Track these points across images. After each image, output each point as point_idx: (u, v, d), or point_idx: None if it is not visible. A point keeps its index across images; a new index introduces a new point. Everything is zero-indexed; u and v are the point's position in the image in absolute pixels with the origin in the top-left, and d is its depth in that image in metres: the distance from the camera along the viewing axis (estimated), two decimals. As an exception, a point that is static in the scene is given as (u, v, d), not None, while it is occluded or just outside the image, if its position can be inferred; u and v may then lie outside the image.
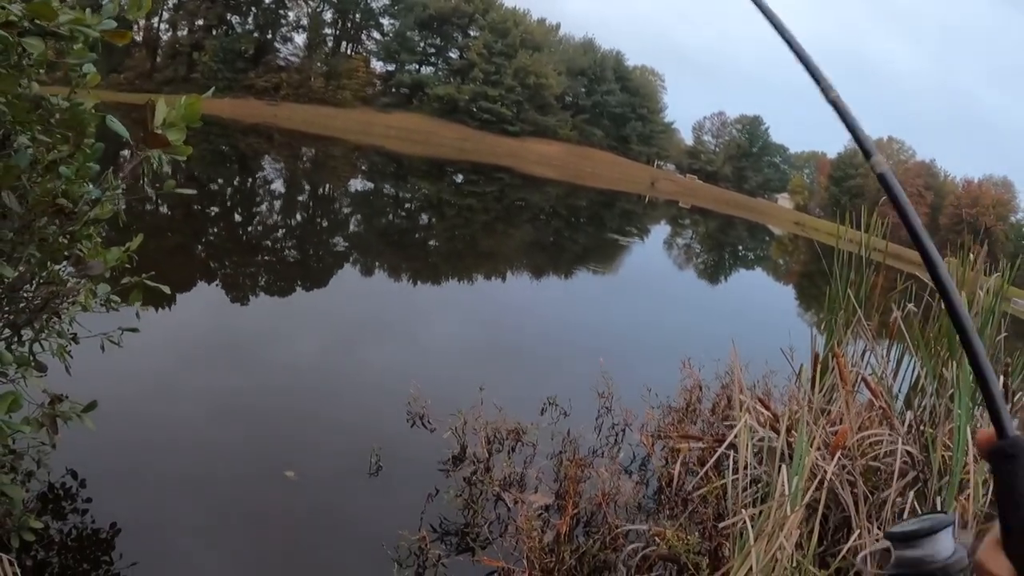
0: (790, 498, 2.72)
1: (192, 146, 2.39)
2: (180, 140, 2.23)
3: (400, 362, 7.00)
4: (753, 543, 2.63)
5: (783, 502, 2.73)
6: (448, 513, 4.13)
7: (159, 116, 2.19)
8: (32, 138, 2.20)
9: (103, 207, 2.61)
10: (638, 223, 32.31)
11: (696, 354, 6.57)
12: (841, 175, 75.33)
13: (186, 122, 2.27)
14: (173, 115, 2.25)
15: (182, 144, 2.23)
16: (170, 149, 2.21)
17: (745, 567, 2.58)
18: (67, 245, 2.53)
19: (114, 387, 4.86)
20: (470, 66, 64.23)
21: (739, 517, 2.92)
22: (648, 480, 4.95)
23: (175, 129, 2.19)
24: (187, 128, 2.38)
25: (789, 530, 2.57)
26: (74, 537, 3.35)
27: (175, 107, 2.30)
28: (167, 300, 7.38)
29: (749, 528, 2.75)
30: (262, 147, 32.33)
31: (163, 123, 2.22)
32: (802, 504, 2.68)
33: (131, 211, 8.76)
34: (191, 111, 2.26)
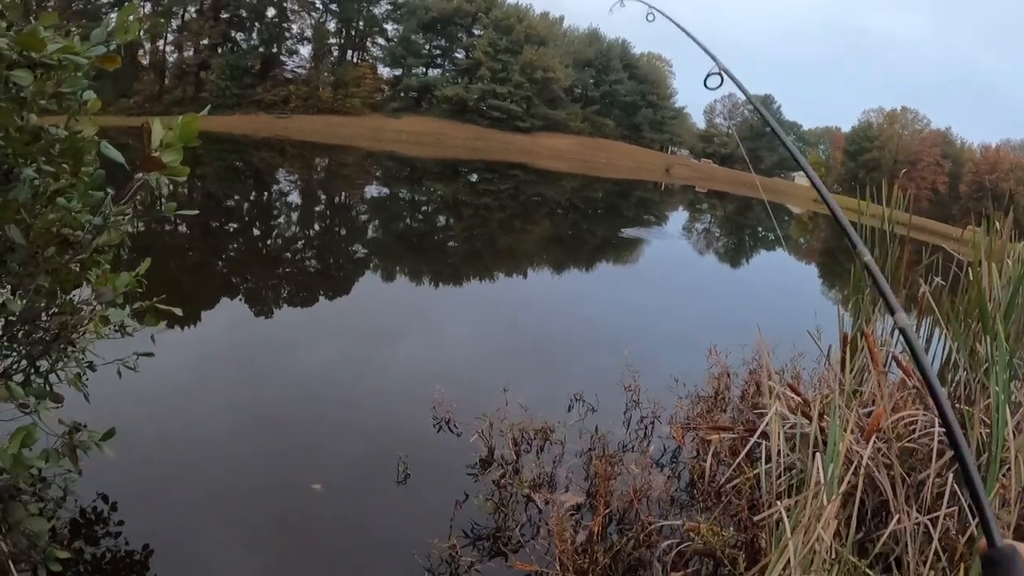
0: (826, 487, 2.64)
1: (206, 164, 2.38)
2: (177, 161, 2.20)
3: (424, 366, 6.98)
4: (790, 535, 2.55)
5: (819, 491, 2.65)
6: (478, 518, 4.10)
7: (155, 138, 2.17)
8: (38, 169, 2.19)
9: (110, 234, 2.60)
10: (656, 211, 32.08)
11: (722, 340, 6.48)
12: (856, 149, 74.30)
13: (183, 142, 2.24)
14: (170, 136, 2.22)
15: (179, 165, 2.20)
16: (167, 171, 2.19)
17: (783, 560, 2.51)
18: (77, 274, 2.52)
19: (141, 407, 4.91)
20: (477, 65, 64.17)
21: (774, 509, 2.85)
22: (680, 473, 4.88)
23: (171, 150, 2.17)
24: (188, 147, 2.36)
25: (827, 520, 2.49)
26: (108, 560, 3.36)
27: (172, 128, 2.27)
28: (191, 318, 7.50)
29: (785, 520, 2.68)
30: (275, 160, 32.53)
31: (160, 145, 2.19)
32: (839, 492, 2.60)
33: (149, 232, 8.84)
34: (187, 131, 2.23)
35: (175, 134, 2.27)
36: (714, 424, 5.02)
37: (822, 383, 4.29)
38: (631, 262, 16.89)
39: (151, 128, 2.21)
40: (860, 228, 4.41)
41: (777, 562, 2.57)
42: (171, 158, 2.18)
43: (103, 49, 1.83)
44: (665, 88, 78.98)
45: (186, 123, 2.28)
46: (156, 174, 2.25)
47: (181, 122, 2.29)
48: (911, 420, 3.17)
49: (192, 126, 2.29)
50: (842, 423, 2.99)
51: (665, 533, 3.78)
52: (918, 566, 2.53)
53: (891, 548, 2.71)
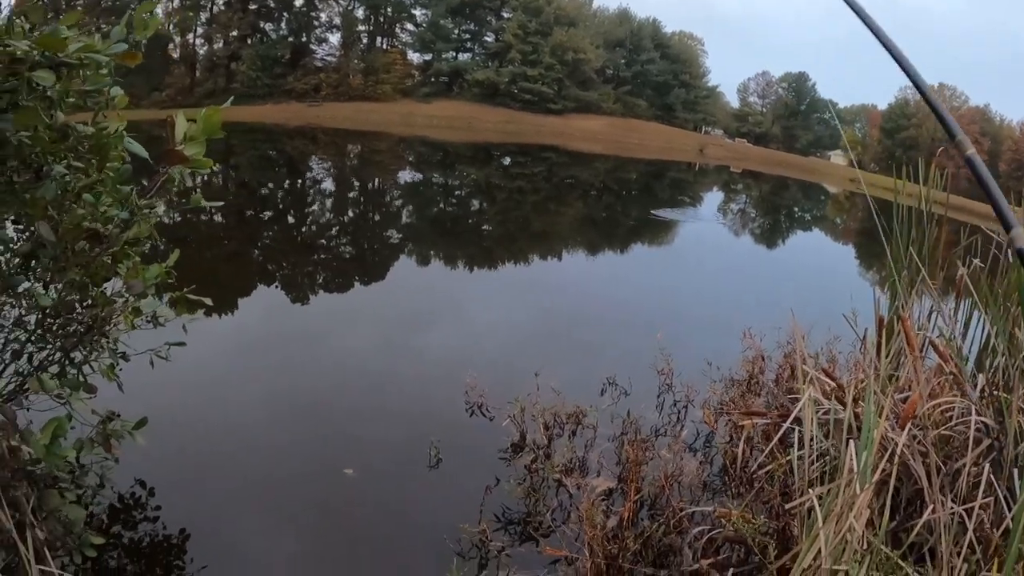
0: (859, 475, 2.59)
1: (239, 154, 2.40)
2: (200, 153, 2.22)
3: (457, 350, 7.02)
4: (822, 524, 2.51)
5: (852, 479, 2.60)
6: (509, 502, 4.10)
7: (179, 132, 2.19)
8: (67, 166, 2.23)
9: (139, 227, 2.65)
10: (689, 192, 31.71)
11: (757, 323, 6.38)
12: (893, 127, 72.27)
13: (206, 135, 2.26)
14: (193, 129, 2.24)
15: (202, 158, 2.22)
16: (190, 164, 2.21)
17: (814, 550, 2.47)
18: (108, 267, 2.57)
19: (179, 396, 5.02)
20: (507, 48, 63.85)
21: (806, 497, 2.80)
22: (712, 458, 4.83)
23: (194, 143, 2.19)
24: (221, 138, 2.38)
25: (859, 509, 2.44)
26: (146, 545, 3.45)
27: (195, 122, 2.29)
28: (227, 306, 7.64)
29: (817, 508, 2.63)
30: (308, 148, 32.82)
31: (184, 138, 2.22)
32: (872, 481, 2.54)
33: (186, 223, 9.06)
34: (210, 124, 2.25)
35: (198, 127, 2.29)
36: (747, 409, 4.96)
37: (857, 368, 4.20)
38: (665, 244, 16.74)
39: (174, 122, 2.23)
40: (896, 208, 4.31)
41: (808, 551, 2.53)
42: (194, 151, 2.20)
43: (124, 46, 1.85)
44: (697, 67, 77.75)
45: (208, 116, 2.30)
46: (179, 167, 2.27)
47: (204, 115, 2.31)
48: (948, 407, 3.09)
49: (215, 119, 2.31)
50: (877, 409, 2.93)
51: (696, 519, 3.74)
52: (951, 558, 2.47)
53: (924, 538, 2.65)
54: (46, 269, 2.27)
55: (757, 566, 3.21)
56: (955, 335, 3.83)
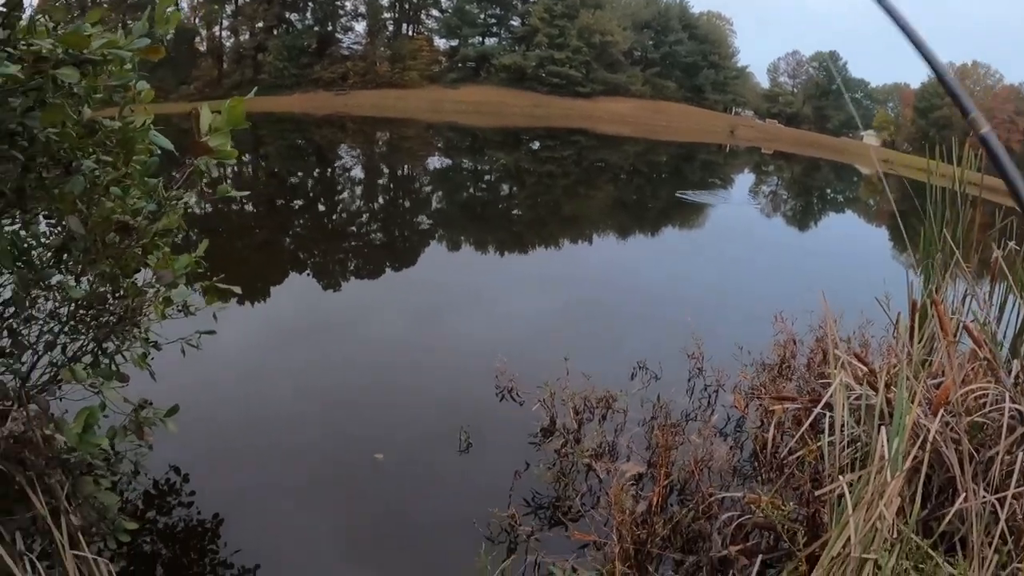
0: (890, 462, 2.55)
1: (268, 144, 2.43)
2: (226, 145, 2.25)
3: (488, 335, 7.04)
4: (852, 512, 2.48)
5: (883, 466, 2.56)
6: (539, 487, 4.12)
7: (204, 123, 2.22)
8: (97, 160, 2.27)
9: (168, 218, 2.69)
10: (720, 174, 31.30)
11: (788, 306, 6.31)
12: (926, 106, 70.19)
13: (231, 126, 2.28)
14: (218, 121, 2.27)
15: (227, 148, 2.25)
16: (215, 155, 2.24)
17: (843, 537, 2.44)
18: (138, 258, 2.62)
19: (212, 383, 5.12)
20: (533, 32, 63.37)
21: (836, 484, 2.77)
22: (743, 443, 4.80)
23: (219, 134, 2.22)
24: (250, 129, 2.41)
25: (890, 497, 2.40)
26: (181, 529, 3.53)
27: (219, 113, 2.32)
28: (259, 293, 7.75)
29: (847, 495, 2.60)
30: (336, 137, 33.00)
31: (209, 130, 2.24)
32: (903, 469, 2.51)
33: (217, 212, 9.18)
34: (234, 115, 2.27)
35: (223, 118, 2.32)
36: (778, 394, 4.91)
37: (890, 352, 4.13)
38: (696, 227, 16.57)
39: (199, 114, 2.26)
40: (929, 189, 4.20)
41: (838, 539, 2.50)
42: (218, 142, 2.23)
43: (147, 41, 1.87)
44: (726, 47, 76.37)
45: (232, 107, 2.32)
46: (205, 158, 2.30)
47: (228, 106, 2.33)
48: (982, 393, 3.02)
49: (238, 109, 2.33)
50: (909, 395, 2.88)
51: (726, 505, 3.73)
52: (982, 548, 2.42)
53: (956, 528, 2.61)
54: (77, 262, 2.32)
55: (786, 553, 3.19)
56: (990, 319, 3.74)
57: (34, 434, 1.89)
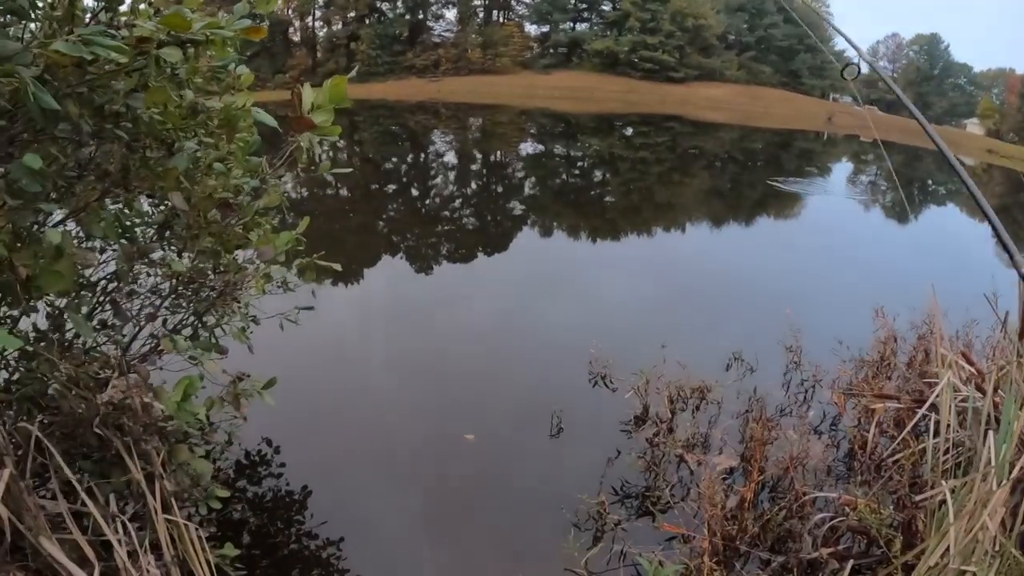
0: (996, 469, 2.37)
1: (363, 130, 2.47)
2: (329, 121, 2.30)
3: (582, 321, 7.03)
4: (952, 521, 2.33)
5: (988, 473, 2.39)
6: (629, 475, 4.11)
7: (306, 101, 2.27)
8: (199, 142, 2.36)
9: (269, 196, 2.78)
10: (818, 162, 30.01)
11: (889, 301, 6.02)
12: None
13: (333, 103, 2.33)
14: (320, 98, 2.31)
15: (331, 125, 2.30)
16: (319, 130, 2.29)
17: (941, 547, 2.29)
18: (240, 235, 2.71)
19: (307, 359, 5.30)
20: (625, 16, 62.26)
21: (938, 490, 2.61)
22: (839, 442, 4.63)
23: (322, 111, 2.26)
24: (346, 112, 2.45)
25: (994, 507, 2.24)
26: (269, 499, 3.67)
27: (321, 91, 2.36)
28: (354, 274, 7.97)
29: (949, 502, 2.45)
30: (430, 123, 33.46)
31: (311, 107, 2.29)
32: (1010, 478, 2.33)
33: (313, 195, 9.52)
34: (336, 92, 2.32)
35: (324, 96, 2.36)
36: (879, 392, 4.70)
37: (998, 353, 3.86)
38: (793, 216, 15.96)
39: (301, 92, 2.31)
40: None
41: (935, 548, 2.36)
42: (322, 118, 2.27)
43: (247, 22, 1.92)
44: (824, 31, 72.80)
45: (335, 85, 2.36)
46: (309, 134, 2.35)
47: (330, 84, 2.38)
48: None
49: (340, 87, 2.37)
50: (1018, 400, 2.68)
51: (819, 505, 3.62)
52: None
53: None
54: (180, 238, 2.42)
55: (879, 559, 3.05)
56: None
57: (133, 401, 1.98)
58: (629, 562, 3.36)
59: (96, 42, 1.54)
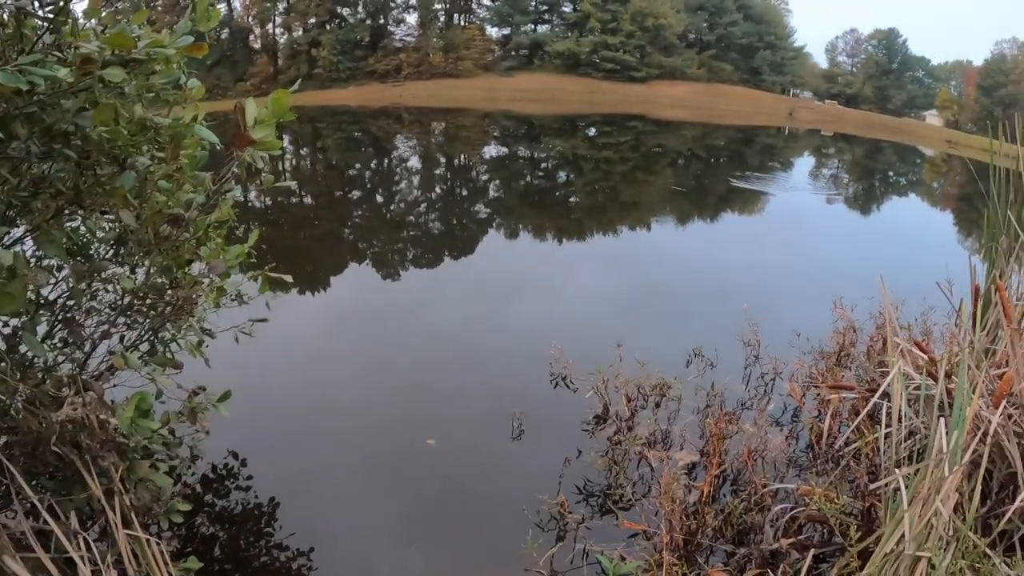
0: (949, 455, 2.45)
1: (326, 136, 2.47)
2: (271, 136, 2.30)
3: (543, 322, 7.06)
4: (907, 507, 2.40)
5: (941, 460, 2.47)
6: (590, 474, 4.14)
7: (250, 116, 2.27)
8: (152, 157, 2.35)
9: (221, 209, 2.77)
10: (780, 157, 30.52)
11: (849, 293, 6.15)
12: (990, 84, 66.43)
13: (276, 118, 2.34)
14: (263, 113, 2.32)
15: (272, 139, 2.30)
16: (259, 146, 2.29)
17: (897, 534, 2.37)
18: (192, 249, 2.70)
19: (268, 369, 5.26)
20: (585, 17, 62.63)
21: (892, 477, 2.69)
22: (798, 433, 4.72)
23: (264, 126, 2.27)
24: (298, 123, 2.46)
25: (947, 493, 2.31)
26: (238, 512, 3.66)
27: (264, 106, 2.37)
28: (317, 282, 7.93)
29: (903, 489, 2.52)
30: (393, 128, 33.32)
31: (254, 122, 2.30)
32: (962, 463, 2.41)
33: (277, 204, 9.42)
34: (279, 107, 2.32)
35: (268, 111, 2.37)
36: (835, 383, 4.80)
37: (952, 340, 3.98)
38: (755, 212, 16.20)
39: (244, 108, 2.31)
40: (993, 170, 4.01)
41: (891, 535, 2.43)
42: (262, 134, 2.27)
43: (190, 39, 1.92)
44: (783, 27, 73.94)
45: (277, 99, 2.37)
46: (250, 150, 2.35)
47: (272, 98, 2.38)
48: (1048, 383, 2.89)
49: (283, 102, 2.38)
50: (970, 385, 2.77)
51: (779, 496, 3.67)
52: (1043, 547, 2.32)
53: (1016, 527, 2.49)
54: (132, 254, 2.41)
55: (840, 548, 3.12)
56: (1059, 306, 3.56)
57: (89, 419, 1.98)
58: (592, 560, 3.40)
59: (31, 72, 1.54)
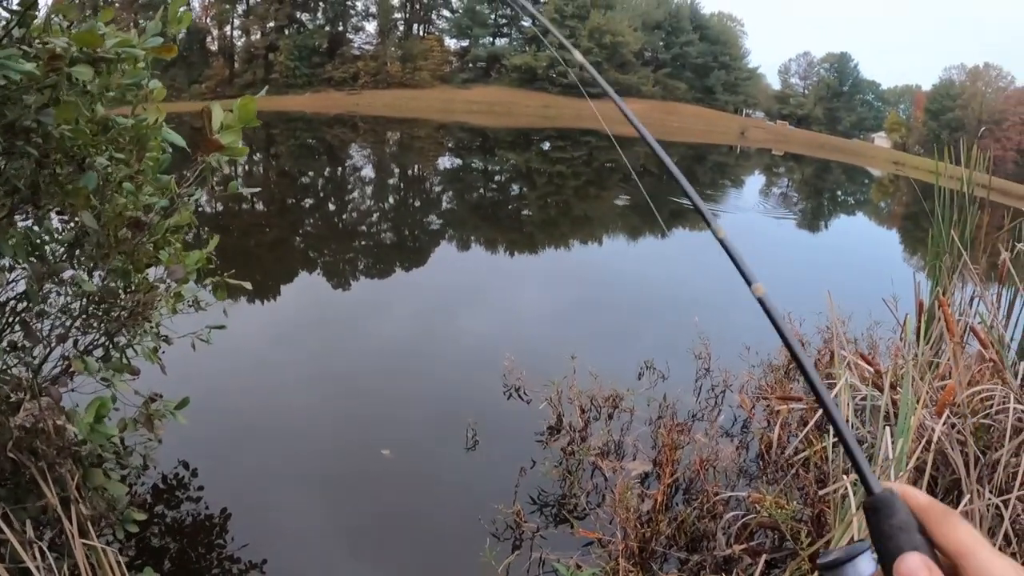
0: (894, 462, 2.56)
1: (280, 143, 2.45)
2: (237, 142, 2.28)
3: (497, 333, 7.09)
4: (855, 512, 2.49)
5: (887, 467, 2.57)
6: (545, 484, 4.16)
7: (216, 121, 2.25)
8: (110, 157, 2.31)
9: (181, 214, 2.73)
10: (731, 175, 31.21)
11: (797, 308, 6.30)
12: (938, 108, 69.86)
13: (242, 124, 2.31)
14: (229, 118, 2.30)
15: (238, 146, 2.28)
16: (226, 152, 2.27)
17: (846, 537, 2.45)
18: (150, 254, 2.65)
19: (220, 377, 5.16)
20: (544, 32, 63.40)
21: (840, 484, 2.78)
22: (748, 444, 4.83)
23: (230, 131, 2.25)
24: (262, 128, 2.44)
25: (893, 497, 2.40)
26: (188, 524, 3.57)
27: (231, 111, 2.35)
28: (269, 290, 7.80)
29: (851, 495, 2.61)
30: (348, 136, 33.07)
31: (220, 127, 2.27)
32: (907, 469, 2.51)
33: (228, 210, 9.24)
34: (245, 112, 2.30)
35: (234, 116, 2.35)
36: (784, 394, 4.93)
37: (897, 353, 4.13)
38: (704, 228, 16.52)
39: (211, 112, 2.29)
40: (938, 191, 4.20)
41: (841, 538, 2.52)
42: (229, 139, 2.25)
43: (159, 40, 1.90)
44: (737, 48, 76.18)
45: (244, 105, 2.35)
46: (216, 155, 2.33)
47: (239, 104, 2.36)
48: (988, 395, 3.02)
49: (250, 108, 2.36)
50: (915, 395, 2.88)
51: (731, 504, 3.76)
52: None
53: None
54: (90, 257, 2.35)
55: (791, 552, 3.20)
56: (997, 322, 3.73)
57: (46, 424, 1.92)
58: (548, 568, 3.42)
59: (8, 65, 1.51)
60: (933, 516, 0.57)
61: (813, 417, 3.83)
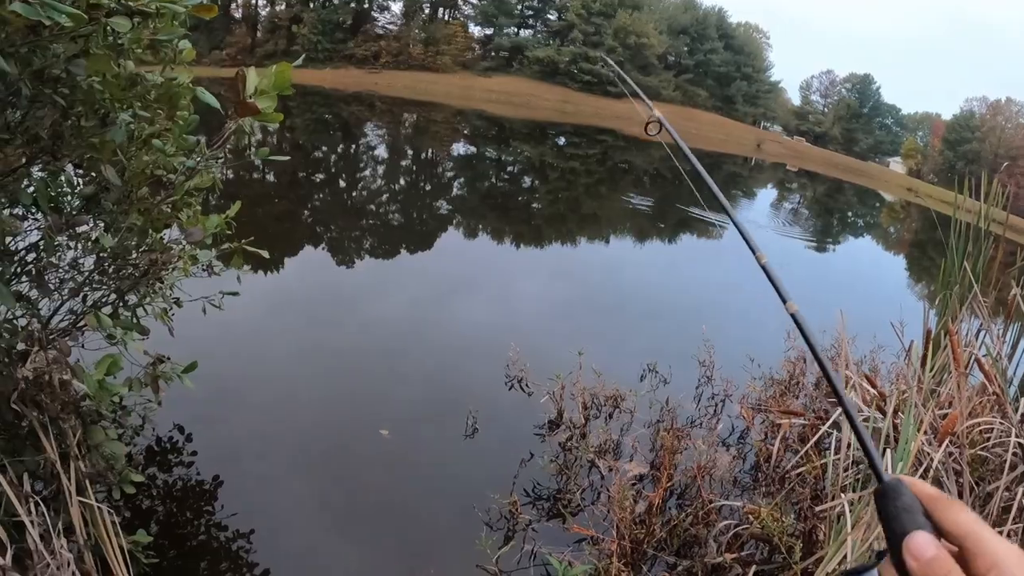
0: (892, 485, 2.55)
1: (296, 115, 2.43)
2: (271, 108, 2.27)
3: (502, 323, 7.10)
4: (850, 531, 2.50)
5: (883, 489, 2.57)
6: (541, 478, 4.17)
7: (250, 85, 2.24)
8: (133, 114, 2.30)
9: (202, 176, 2.72)
10: (744, 186, 31.12)
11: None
12: (956, 138, 69.66)
13: (276, 90, 2.30)
14: (264, 83, 2.28)
15: (273, 112, 2.27)
16: (261, 116, 2.26)
17: (839, 555, 2.46)
18: (168, 214, 2.65)
19: (224, 345, 5.17)
20: (569, 27, 63.20)
21: (837, 502, 2.79)
22: (746, 455, 4.84)
23: (265, 97, 2.24)
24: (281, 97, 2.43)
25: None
26: (179, 488, 3.57)
27: (266, 76, 2.34)
28: (276, 263, 7.80)
29: (847, 514, 2.62)
30: (364, 114, 33.02)
31: (254, 92, 2.26)
32: (904, 493, 2.51)
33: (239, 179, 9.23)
34: (281, 79, 2.29)
35: (269, 82, 2.34)
36: (785, 408, 4.94)
37: (900, 379, 4.13)
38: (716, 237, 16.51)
39: (246, 76, 2.28)
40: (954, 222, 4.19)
41: (834, 556, 2.52)
42: (265, 104, 2.24)
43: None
44: (761, 61, 75.88)
45: (280, 71, 2.34)
46: (250, 119, 2.32)
47: (275, 70, 2.35)
48: (987, 427, 3.03)
49: (286, 75, 2.35)
50: (916, 422, 2.89)
51: (724, 513, 3.77)
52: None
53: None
54: (108, 212, 2.35)
55: (780, 566, 3.22)
56: (1002, 356, 3.73)
57: (52, 377, 1.91)
58: (539, 561, 3.43)
59: (54, 6, 1.50)
60: (939, 504, 0.60)
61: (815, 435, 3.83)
